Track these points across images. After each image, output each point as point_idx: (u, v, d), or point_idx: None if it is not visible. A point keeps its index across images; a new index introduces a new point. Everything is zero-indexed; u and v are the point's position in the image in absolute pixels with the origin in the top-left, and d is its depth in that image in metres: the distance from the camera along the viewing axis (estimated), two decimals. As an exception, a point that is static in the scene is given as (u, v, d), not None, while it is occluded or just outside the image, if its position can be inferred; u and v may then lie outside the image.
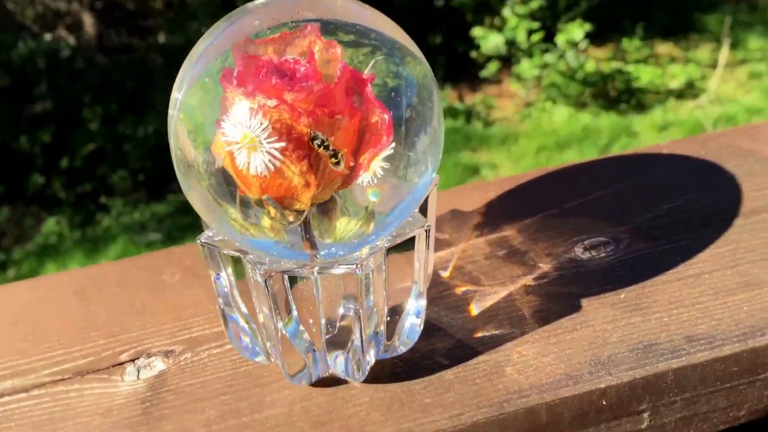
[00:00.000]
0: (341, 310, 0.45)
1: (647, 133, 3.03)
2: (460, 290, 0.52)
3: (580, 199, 0.59)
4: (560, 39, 3.55)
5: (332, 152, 0.37)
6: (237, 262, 0.46)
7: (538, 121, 3.30)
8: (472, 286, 0.52)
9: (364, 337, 0.44)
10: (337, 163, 0.38)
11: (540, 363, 0.46)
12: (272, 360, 0.47)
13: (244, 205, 0.41)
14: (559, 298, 0.51)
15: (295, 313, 0.45)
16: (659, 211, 0.58)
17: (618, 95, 3.49)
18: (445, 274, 0.54)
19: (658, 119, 3.18)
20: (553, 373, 0.46)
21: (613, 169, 0.63)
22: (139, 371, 0.48)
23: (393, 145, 0.40)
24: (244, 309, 0.48)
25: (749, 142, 0.64)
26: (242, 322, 0.48)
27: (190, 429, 0.44)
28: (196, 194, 0.43)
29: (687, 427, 0.48)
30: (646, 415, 0.46)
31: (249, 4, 0.44)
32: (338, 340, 0.46)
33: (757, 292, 0.50)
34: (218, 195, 0.42)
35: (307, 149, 0.39)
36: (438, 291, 0.53)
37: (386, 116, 0.40)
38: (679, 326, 0.48)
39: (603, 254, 0.54)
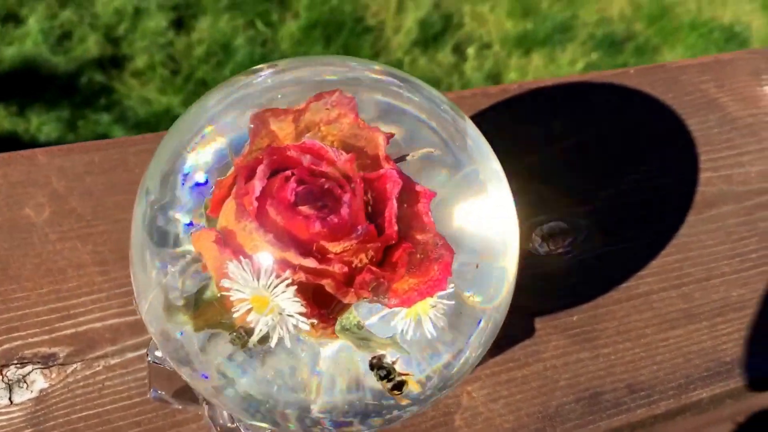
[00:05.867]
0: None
1: None
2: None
3: (547, 148, 0.51)
4: None
5: (396, 384, 0.27)
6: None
7: None
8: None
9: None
10: (400, 394, 0.27)
11: (489, 413, 0.43)
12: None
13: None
14: (515, 313, 0.45)
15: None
16: (619, 185, 0.52)
17: None
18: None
19: None
20: (501, 428, 0.42)
21: (581, 102, 0.54)
22: (11, 389, 0.36)
23: (452, 288, 0.29)
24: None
25: (715, 88, 0.57)
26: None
27: (91, 497, 0.36)
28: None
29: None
30: (569, 456, 0.46)
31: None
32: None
33: (695, 328, 0.49)
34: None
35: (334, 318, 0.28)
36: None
37: (445, 253, 0.28)
38: (624, 369, 0.46)
39: (561, 249, 0.48)
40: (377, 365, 0.27)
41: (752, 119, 0.57)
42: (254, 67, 0.32)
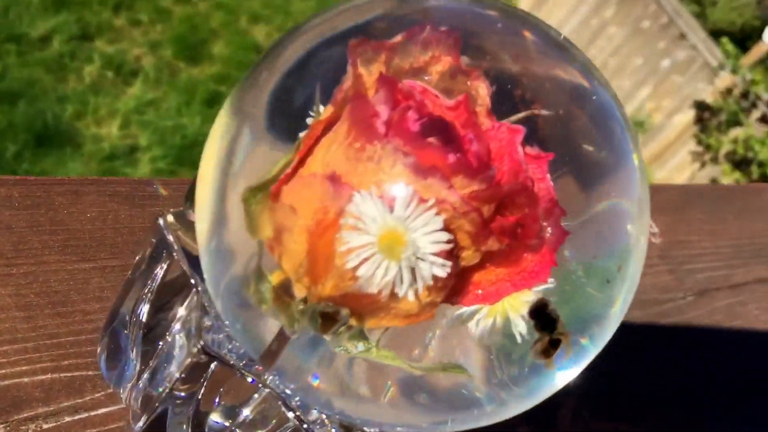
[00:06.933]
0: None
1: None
2: None
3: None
4: None
5: (554, 340, 0.23)
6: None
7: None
8: None
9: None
10: (552, 356, 0.23)
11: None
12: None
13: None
14: None
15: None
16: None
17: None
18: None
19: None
20: None
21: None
22: None
23: (552, 282, 0.25)
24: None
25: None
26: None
27: None
28: None
29: None
30: None
31: None
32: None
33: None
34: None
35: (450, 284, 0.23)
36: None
37: (554, 236, 0.25)
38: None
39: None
40: (540, 310, 0.22)
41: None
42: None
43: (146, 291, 0.28)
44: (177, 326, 0.27)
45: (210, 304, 0.25)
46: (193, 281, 0.26)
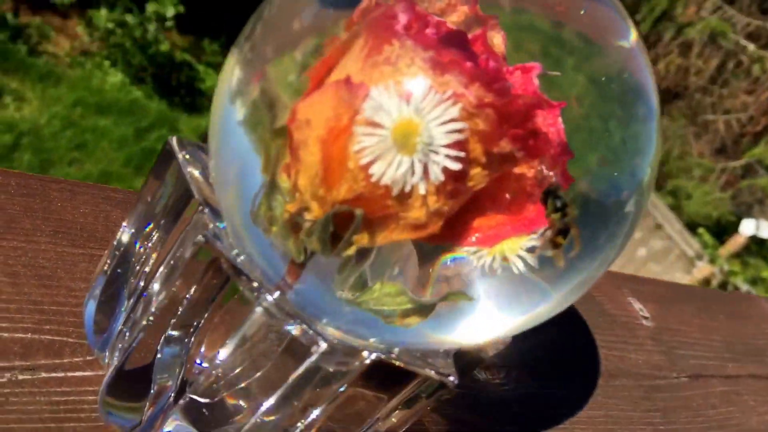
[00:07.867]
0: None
1: (189, 133, 3.05)
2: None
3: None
4: (150, 7, 3.41)
5: (563, 231, 0.23)
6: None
7: (88, 74, 3.14)
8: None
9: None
10: (562, 245, 0.23)
11: None
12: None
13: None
14: None
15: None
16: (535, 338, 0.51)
17: (178, 87, 3.47)
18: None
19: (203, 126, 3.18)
20: None
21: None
22: None
23: (543, 230, 0.25)
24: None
25: (592, 287, 0.61)
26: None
27: None
28: None
29: None
30: None
31: None
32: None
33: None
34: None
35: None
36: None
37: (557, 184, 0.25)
38: None
39: (497, 380, 0.45)
40: (554, 193, 0.22)
41: (626, 319, 0.60)
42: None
43: (154, 228, 0.28)
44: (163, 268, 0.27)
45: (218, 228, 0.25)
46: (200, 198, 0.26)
